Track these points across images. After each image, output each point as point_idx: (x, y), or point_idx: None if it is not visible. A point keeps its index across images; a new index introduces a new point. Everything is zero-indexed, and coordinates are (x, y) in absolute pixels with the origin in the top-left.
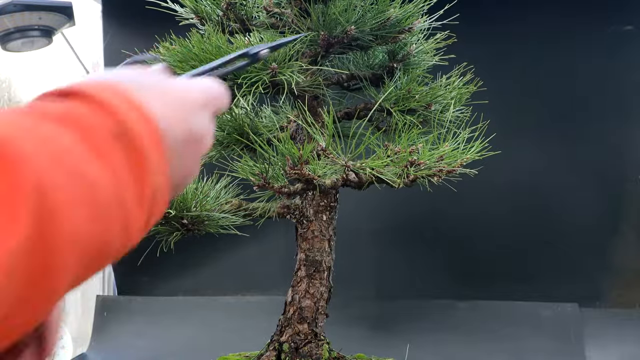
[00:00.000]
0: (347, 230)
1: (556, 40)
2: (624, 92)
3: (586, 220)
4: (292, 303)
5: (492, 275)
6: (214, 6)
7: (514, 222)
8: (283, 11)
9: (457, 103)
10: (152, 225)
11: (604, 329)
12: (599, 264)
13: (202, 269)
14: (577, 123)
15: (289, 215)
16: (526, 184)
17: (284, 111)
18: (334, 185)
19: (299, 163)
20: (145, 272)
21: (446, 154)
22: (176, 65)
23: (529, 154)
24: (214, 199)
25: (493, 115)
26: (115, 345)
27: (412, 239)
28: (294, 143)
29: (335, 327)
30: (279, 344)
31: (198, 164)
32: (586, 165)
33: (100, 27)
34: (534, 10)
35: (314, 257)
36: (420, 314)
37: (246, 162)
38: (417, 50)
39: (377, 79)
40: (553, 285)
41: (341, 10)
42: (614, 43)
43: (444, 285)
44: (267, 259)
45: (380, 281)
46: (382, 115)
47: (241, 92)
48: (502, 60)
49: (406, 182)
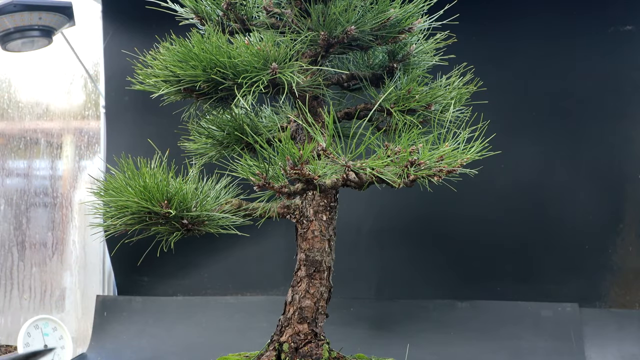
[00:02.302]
0: (347, 230)
1: (556, 40)
2: (624, 92)
3: (586, 220)
4: (292, 303)
5: (492, 275)
6: (214, 6)
7: (514, 222)
8: (283, 11)
9: (457, 103)
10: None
11: (604, 329)
12: (599, 264)
13: (202, 269)
14: (577, 123)
15: (289, 215)
16: (526, 184)
17: (284, 111)
18: (334, 185)
19: (299, 163)
20: (145, 272)
21: (446, 154)
22: (176, 65)
23: (528, 154)
24: (214, 199)
25: (493, 115)
26: (115, 345)
27: (412, 239)
28: (294, 143)
29: (335, 327)
30: (279, 344)
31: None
32: (586, 165)
33: (100, 27)
34: (534, 10)
35: (314, 257)
36: (420, 314)
37: (246, 162)
38: (417, 50)
39: (377, 79)
40: (553, 285)
41: (341, 11)
42: (614, 43)
43: (444, 285)
44: (267, 259)
45: (380, 281)
46: (382, 115)
47: (241, 92)
48: (502, 60)
49: (406, 182)
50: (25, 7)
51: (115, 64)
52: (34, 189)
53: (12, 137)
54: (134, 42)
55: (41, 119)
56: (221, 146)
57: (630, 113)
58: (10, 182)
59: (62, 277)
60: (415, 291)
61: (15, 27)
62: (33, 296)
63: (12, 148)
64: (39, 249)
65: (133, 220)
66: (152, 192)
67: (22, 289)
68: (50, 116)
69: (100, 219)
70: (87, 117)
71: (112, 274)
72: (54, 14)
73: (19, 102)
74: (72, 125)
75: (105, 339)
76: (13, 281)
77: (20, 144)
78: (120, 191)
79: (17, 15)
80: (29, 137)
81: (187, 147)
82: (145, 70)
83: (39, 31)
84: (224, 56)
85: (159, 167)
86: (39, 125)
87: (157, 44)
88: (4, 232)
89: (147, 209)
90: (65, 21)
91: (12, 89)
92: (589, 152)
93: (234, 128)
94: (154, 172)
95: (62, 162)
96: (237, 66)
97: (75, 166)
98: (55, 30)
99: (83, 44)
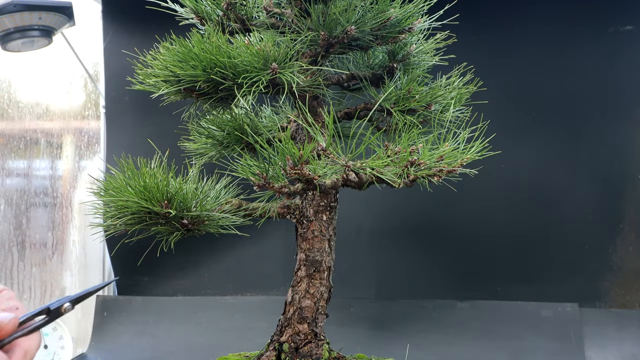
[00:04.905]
0: (347, 230)
1: (556, 40)
2: (624, 92)
3: (586, 220)
4: (292, 303)
5: (492, 275)
6: (214, 6)
7: (514, 222)
8: (283, 11)
9: (457, 103)
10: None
11: (604, 329)
12: (599, 264)
13: (202, 269)
14: (577, 123)
15: (289, 215)
16: (526, 184)
17: (284, 111)
18: (334, 185)
19: (299, 163)
20: (145, 272)
21: (446, 154)
22: (176, 65)
23: (528, 154)
24: (214, 199)
25: (493, 115)
26: (115, 345)
27: (412, 239)
28: (294, 143)
29: (335, 327)
30: (279, 344)
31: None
32: (586, 165)
33: (100, 27)
34: (534, 10)
35: (314, 257)
36: (420, 314)
37: (246, 162)
38: (417, 50)
39: (377, 79)
40: (553, 285)
41: (341, 10)
42: (614, 43)
43: (444, 285)
44: (267, 259)
45: (380, 281)
46: (382, 115)
47: (241, 92)
48: (502, 60)
49: (406, 182)
50: (25, 7)
51: (115, 64)
52: (34, 189)
53: (12, 137)
54: (134, 42)
55: (41, 119)
56: (221, 146)
57: (630, 113)
58: (10, 182)
59: (62, 277)
60: (415, 291)
61: (15, 27)
62: (33, 296)
63: (12, 148)
64: (39, 249)
65: (133, 220)
66: (152, 192)
67: (22, 288)
68: (50, 116)
69: (100, 219)
70: (87, 117)
71: (112, 274)
72: (54, 14)
73: (19, 102)
74: (72, 125)
75: (105, 339)
76: (13, 281)
77: (20, 144)
78: (120, 191)
79: (17, 15)
80: (29, 137)
81: (187, 147)
82: (145, 70)
83: (39, 31)
84: (224, 56)
85: (159, 167)
86: (39, 125)
87: (157, 44)
88: (4, 232)
89: (147, 209)
90: (65, 21)
91: (12, 89)
92: (589, 152)
93: (234, 128)
94: (154, 172)
95: (62, 162)
96: (237, 66)
97: (75, 166)
98: (55, 30)
99: (83, 44)
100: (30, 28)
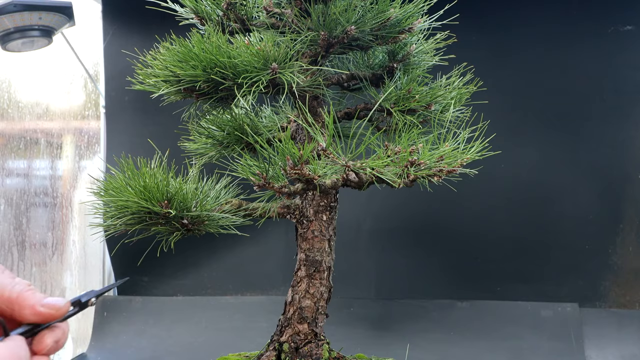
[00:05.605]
0: (347, 230)
1: (556, 40)
2: (624, 92)
3: (586, 220)
4: (292, 303)
5: (492, 275)
6: (214, 6)
7: (514, 222)
8: (283, 11)
9: (457, 103)
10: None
11: (604, 329)
12: (599, 264)
13: (202, 269)
14: (577, 123)
15: (289, 215)
16: (526, 184)
17: (284, 111)
18: (334, 185)
19: (299, 163)
20: (145, 272)
21: (446, 154)
22: (176, 65)
23: (529, 154)
24: (214, 199)
25: (493, 115)
26: (115, 345)
27: (412, 239)
28: (294, 143)
29: (335, 327)
30: (279, 344)
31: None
32: (586, 165)
33: (100, 27)
34: (534, 10)
35: (314, 257)
36: (420, 314)
37: (246, 162)
38: (417, 50)
39: (377, 79)
40: (553, 285)
41: (341, 10)
42: (614, 43)
43: (444, 285)
44: (267, 259)
45: (380, 281)
46: (382, 115)
47: (241, 92)
48: (502, 60)
49: (406, 182)
50: (25, 7)
51: (115, 64)
52: (34, 189)
53: (12, 137)
54: (134, 42)
55: (41, 119)
56: (221, 146)
57: (630, 113)
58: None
59: (62, 277)
60: (415, 291)
61: (15, 27)
62: None
63: (12, 148)
64: (39, 249)
65: (133, 220)
66: (152, 192)
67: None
68: (50, 116)
69: (100, 219)
70: (87, 117)
71: (112, 274)
72: (54, 14)
73: (19, 102)
74: (72, 125)
75: (105, 339)
76: None
77: (20, 144)
78: (120, 191)
79: (17, 15)
80: (29, 137)
81: (187, 147)
82: (145, 70)
83: (39, 31)
84: (224, 56)
85: (159, 167)
86: (39, 125)
87: (157, 44)
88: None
89: (147, 209)
90: (65, 21)
91: (12, 89)
92: (589, 152)
93: (234, 128)
94: (154, 172)
95: (62, 162)
96: (237, 66)
97: (75, 166)
98: (55, 30)
99: (83, 44)
100: (30, 28)
